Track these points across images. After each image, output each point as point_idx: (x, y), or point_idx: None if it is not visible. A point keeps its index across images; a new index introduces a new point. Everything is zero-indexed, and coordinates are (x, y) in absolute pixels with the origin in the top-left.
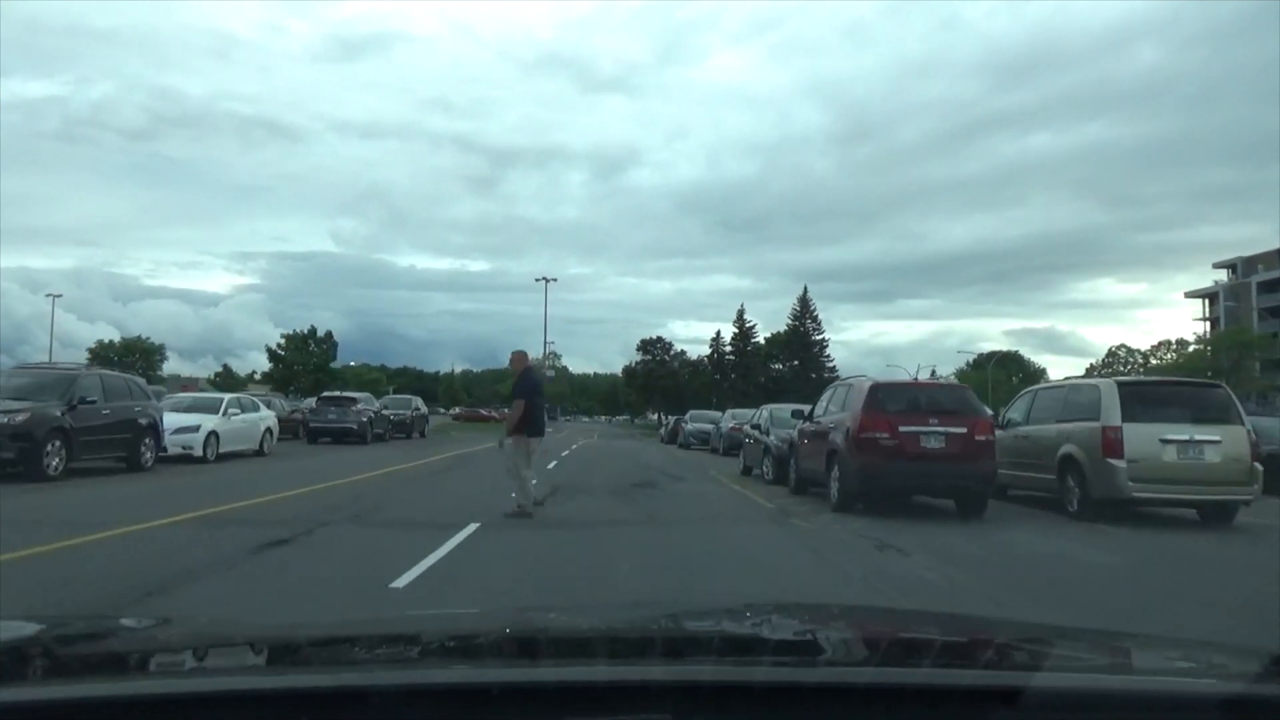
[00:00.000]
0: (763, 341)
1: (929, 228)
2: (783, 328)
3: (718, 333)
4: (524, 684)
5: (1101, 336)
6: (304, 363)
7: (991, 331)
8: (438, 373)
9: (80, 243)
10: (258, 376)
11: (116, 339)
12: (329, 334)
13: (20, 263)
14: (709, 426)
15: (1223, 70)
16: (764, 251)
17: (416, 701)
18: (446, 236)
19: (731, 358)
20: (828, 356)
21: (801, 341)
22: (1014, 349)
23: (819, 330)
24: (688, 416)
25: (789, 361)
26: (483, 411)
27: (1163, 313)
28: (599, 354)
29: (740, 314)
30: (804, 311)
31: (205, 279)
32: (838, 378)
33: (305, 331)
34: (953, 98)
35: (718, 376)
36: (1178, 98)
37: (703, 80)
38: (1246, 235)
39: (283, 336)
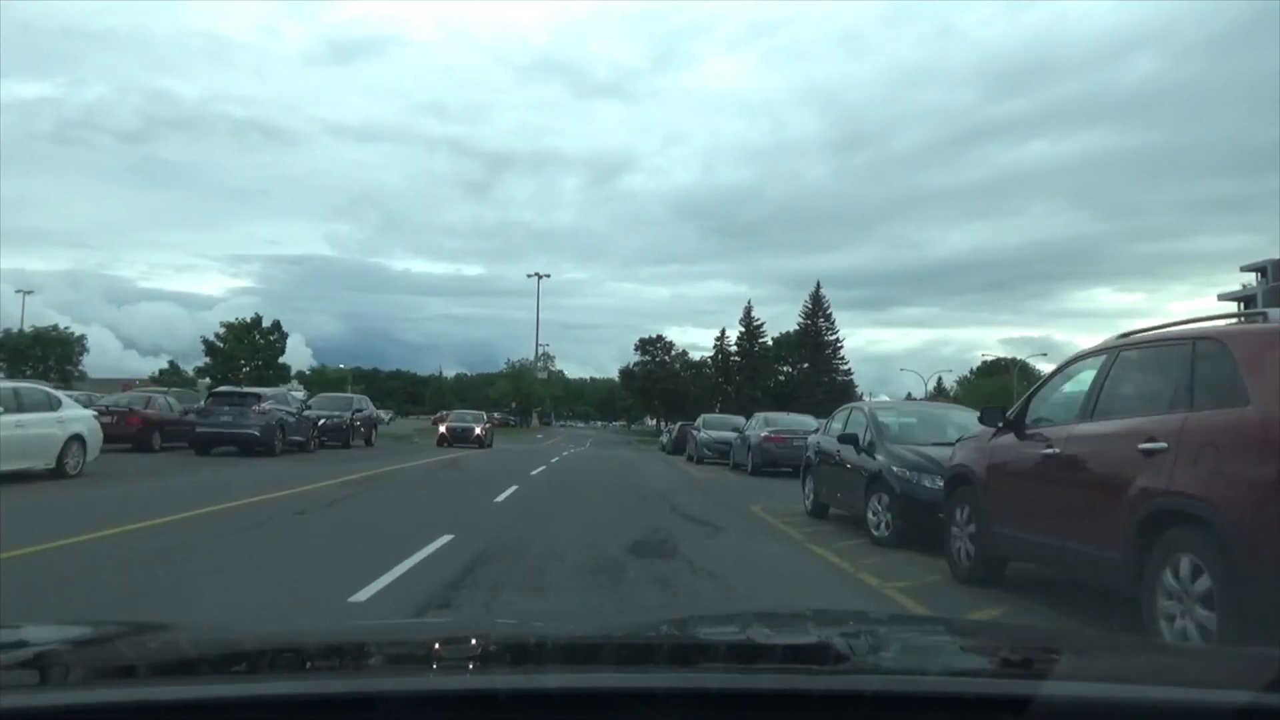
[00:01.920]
0: (770, 342)
1: (925, 236)
2: (790, 329)
3: (722, 331)
4: (531, 690)
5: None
6: (247, 356)
7: (988, 340)
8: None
9: (75, 245)
10: (209, 374)
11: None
12: (277, 323)
13: (15, 264)
14: (729, 435)
15: (1220, 81)
16: (760, 258)
17: (424, 707)
18: (442, 241)
19: (737, 359)
20: (842, 358)
21: (814, 342)
22: (1016, 357)
23: (832, 330)
24: (700, 422)
25: (798, 364)
26: None
27: (1160, 323)
28: (595, 359)
29: (747, 312)
30: (816, 309)
31: (200, 282)
32: (852, 381)
33: (249, 320)
34: (949, 106)
35: (721, 379)
36: (1174, 108)
37: (698, 86)
38: (1244, 246)
39: (222, 325)
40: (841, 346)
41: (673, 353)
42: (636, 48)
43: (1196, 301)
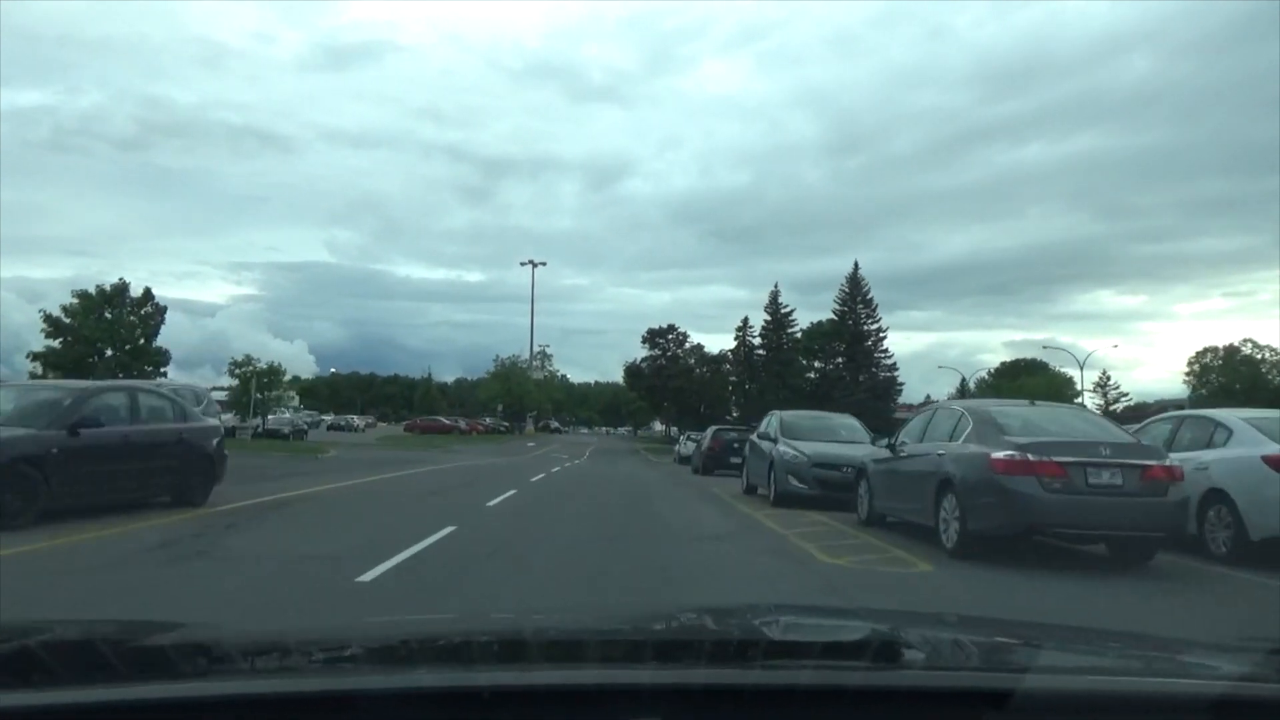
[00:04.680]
0: (799, 334)
1: (925, 238)
2: (824, 317)
3: (744, 321)
4: (515, 687)
5: (1103, 349)
6: (105, 336)
7: (992, 343)
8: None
9: (76, 253)
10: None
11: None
12: (148, 291)
13: (18, 273)
14: (853, 453)
15: (1215, 80)
16: (759, 262)
17: (407, 705)
18: (441, 247)
19: (762, 353)
20: (885, 351)
21: (851, 332)
22: (1041, 359)
23: (873, 318)
24: (777, 426)
25: (831, 359)
26: (444, 420)
27: (1164, 325)
28: (598, 364)
29: (774, 297)
30: (854, 294)
31: (202, 289)
32: (895, 378)
33: (109, 288)
34: (944, 108)
35: (744, 376)
36: (1170, 108)
37: (693, 89)
38: (1246, 246)
39: (74, 296)
40: (885, 336)
41: (686, 345)
42: (630, 52)
43: (1200, 303)
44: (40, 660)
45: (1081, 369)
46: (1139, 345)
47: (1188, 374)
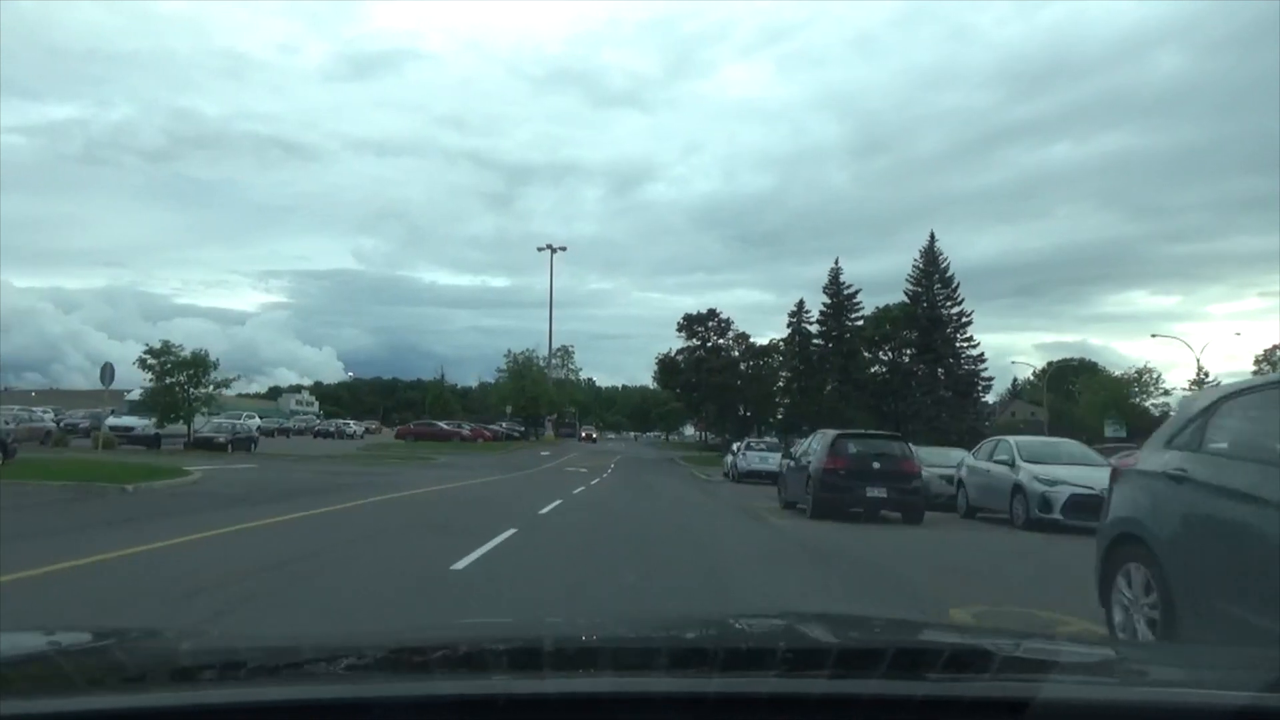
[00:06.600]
0: (862, 322)
1: (952, 240)
2: (893, 300)
3: (800, 304)
4: (530, 695)
5: (1136, 351)
6: None
7: (1022, 345)
8: (455, 385)
9: (110, 263)
10: None
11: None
12: None
13: (54, 283)
14: None
15: (1248, 76)
16: (784, 266)
17: (422, 712)
18: (466, 253)
19: (819, 342)
20: (969, 339)
21: (928, 317)
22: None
23: (954, 299)
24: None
25: (902, 349)
26: (443, 425)
27: (1198, 326)
28: (624, 369)
29: (834, 276)
30: (929, 272)
31: (232, 297)
32: (979, 371)
33: None
34: (969, 108)
35: (795, 370)
36: (1202, 105)
37: (715, 93)
38: (1279, 245)
39: None
40: (969, 322)
41: (729, 334)
42: (651, 56)
43: (1234, 303)
44: (59, 667)
45: (1198, 360)
46: (1172, 347)
47: (1256, 373)
